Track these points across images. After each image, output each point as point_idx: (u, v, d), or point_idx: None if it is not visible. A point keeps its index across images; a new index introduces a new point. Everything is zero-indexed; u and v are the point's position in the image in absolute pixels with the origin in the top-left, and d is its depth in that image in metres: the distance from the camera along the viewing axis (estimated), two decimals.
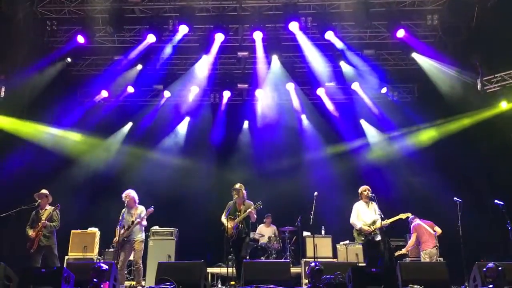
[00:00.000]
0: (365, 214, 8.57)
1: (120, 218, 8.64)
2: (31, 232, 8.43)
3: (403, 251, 10.01)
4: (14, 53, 10.33)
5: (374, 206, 8.47)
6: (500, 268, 6.56)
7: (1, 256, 8.63)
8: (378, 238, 8.39)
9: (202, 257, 7.89)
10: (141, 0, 10.52)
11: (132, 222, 8.51)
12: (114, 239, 8.65)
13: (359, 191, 8.73)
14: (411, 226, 9.61)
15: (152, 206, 8.68)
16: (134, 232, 8.55)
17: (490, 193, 9.09)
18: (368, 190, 8.63)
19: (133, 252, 8.61)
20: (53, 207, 8.63)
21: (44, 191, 8.74)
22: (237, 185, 8.75)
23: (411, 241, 9.68)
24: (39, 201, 8.59)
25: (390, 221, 8.51)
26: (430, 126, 12.12)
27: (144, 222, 8.71)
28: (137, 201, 8.78)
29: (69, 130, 12.19)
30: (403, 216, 8.60)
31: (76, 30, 10.91)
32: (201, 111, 13.22)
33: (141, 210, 8.70)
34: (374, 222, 8.39)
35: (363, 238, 8.48)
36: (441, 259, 9.21)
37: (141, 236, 8.67)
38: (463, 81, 11.18)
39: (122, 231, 8.43)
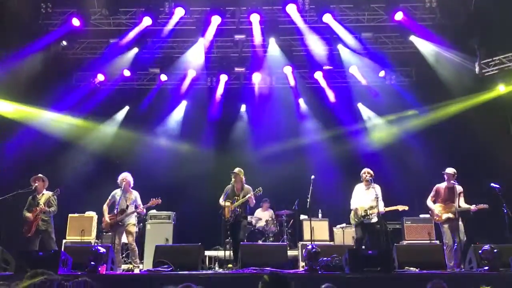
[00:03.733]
0: (362, 197, 8.64)
1: (110, 198, 8.72)
2: (27, 215, 8.44)
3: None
4: (9, 36, 10.22)
5: (374, 190, 8.51)
6: (495, 250, 6.63)
7: None
8: (374, 220, 8.45)
9: (200, 240, 7.92)
10: None
11: (127, 206, 8.55)
12: (103, 219, 8.70)
13: (361, 173, 8.81)
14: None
15: (160, 197, 8.73)
16: (127, 216, 8.61)
17: (487, 176, 9.09)
18: (368, 174, 8.68)
19: (127, 235, 8.66)
20: (52, 192, 8.63)
21: (40, 175, 8.73)
22: (236, 169, 8.79)
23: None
24: (36, 185, 8.58)
25: (387, 209, 8.58)
26: (428, 110, 12.09)
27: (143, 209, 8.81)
28: (132, 185, 8.82)
29: (65, 113, 12.08)
30: (400, 208, 8.63)
31: (72, 12, 10.78)
32: (198, 95, 13.12)
33: (135, 195, 8.76)
34: (371, 207, 8.44)
35: (357, 220, 8.60)
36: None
37: (134, 219, 8.77)
38: (461, 64, 11.12)
39: (116, 215, 8.47)
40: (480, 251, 6.86)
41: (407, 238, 10.19)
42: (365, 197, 8.61)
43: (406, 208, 8.73)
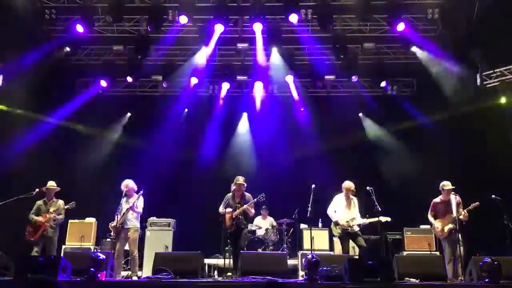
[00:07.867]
0: (343, 209, 8.75)
1: (119, 206, 8.66)
2: (38, 218, 8.44)
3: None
4: (13, 42, 10.25)
5: (354, 202, 8.74)
6: (496, 263, 6.58)
7: None
8: (356, 228, 8.58)
9: (200, 248, 7.89)
10: None
11: (127, 209, 8.50)
12: (111, 224, 8.65)
13: (344, 185, 8.84)
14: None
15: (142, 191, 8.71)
16: (128, 220, 8.53)
17: (488, 188, 9.07)
18: (353, 190, 8.75)
19: (128, 242, 8.60)
20: (67, 203, 8.69)
21: (53, 183, 8.73)
22: (238, 178, 8.76)
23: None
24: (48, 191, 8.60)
25: (368, 221, 8.64)
26: (428, 121, 12.10)
27: (140, 210, 8.65)
28: (136, 190, 8.78)
29: (67, 120, 12.13)
30: (382, 219, 8.48)
31: (75, 19, 10.80)
32: (199, 103, 13.16)
33: (136, 197, 8.66)
34: (353, 219, 8.59)
35: (339, 231, 8.67)
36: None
37: (135, 224, 8.62)
38: (463, 76, 11.17)
39: (118, 218, 8.44)
40: (480, 263, 6.82)
41: (407, 248, 10.20)
42: (347, 210, 8.74)
43: (389, 219, 8.59)
